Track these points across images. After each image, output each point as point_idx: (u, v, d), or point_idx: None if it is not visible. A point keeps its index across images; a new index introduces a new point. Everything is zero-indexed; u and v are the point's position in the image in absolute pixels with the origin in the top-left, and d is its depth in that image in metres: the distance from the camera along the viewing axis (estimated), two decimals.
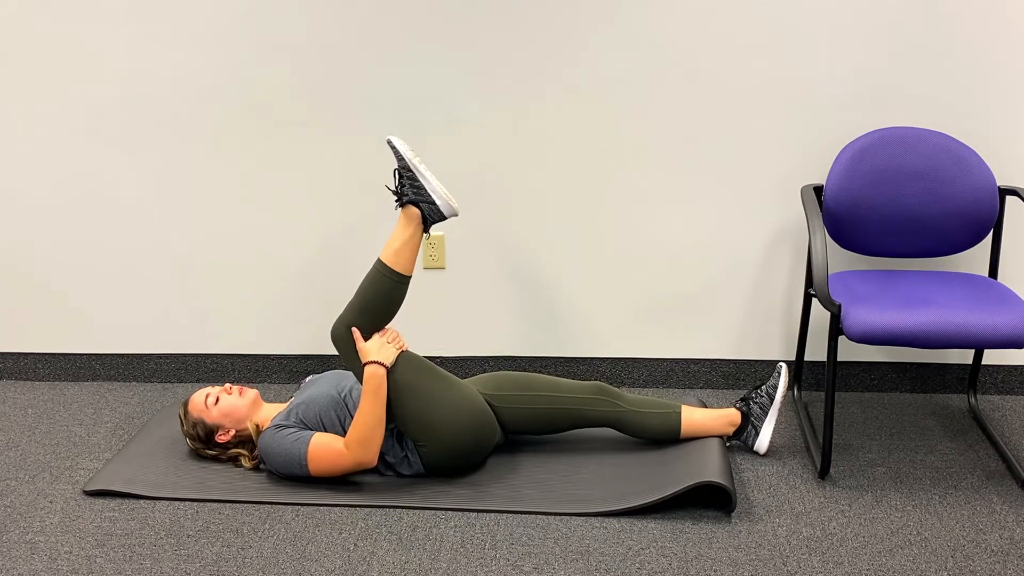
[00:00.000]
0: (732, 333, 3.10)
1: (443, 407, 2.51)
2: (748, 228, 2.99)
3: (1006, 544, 2.29)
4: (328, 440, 2.49)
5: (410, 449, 2.56)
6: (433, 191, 2.53)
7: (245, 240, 3.12)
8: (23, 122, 3.07)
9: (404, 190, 2.55)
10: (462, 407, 2.53)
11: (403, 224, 2.56)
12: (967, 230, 2.73)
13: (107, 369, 3.31)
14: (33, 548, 2.34)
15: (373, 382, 2.47)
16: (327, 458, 2.48)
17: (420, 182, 2.52)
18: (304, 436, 2.51)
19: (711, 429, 2.63)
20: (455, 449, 2.53)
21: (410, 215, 2.55)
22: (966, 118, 2.83)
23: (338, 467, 2.49)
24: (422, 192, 2.53)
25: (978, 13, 2.75)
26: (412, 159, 2.52)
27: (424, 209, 2.54)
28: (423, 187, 2.53)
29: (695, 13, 2.81)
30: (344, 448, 2.47)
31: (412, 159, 2.52)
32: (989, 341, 2.35)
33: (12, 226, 3.18)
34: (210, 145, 3.04)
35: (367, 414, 2.46)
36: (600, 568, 2.21)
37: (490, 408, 2.61)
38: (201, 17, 2.92)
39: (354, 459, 2.47)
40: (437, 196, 2.53)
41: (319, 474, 2.51)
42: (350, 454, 2.47)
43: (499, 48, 2.88)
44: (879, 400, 3.06)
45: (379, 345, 2.52)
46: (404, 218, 2.56)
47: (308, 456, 2.48)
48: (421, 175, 2.52)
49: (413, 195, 2.54)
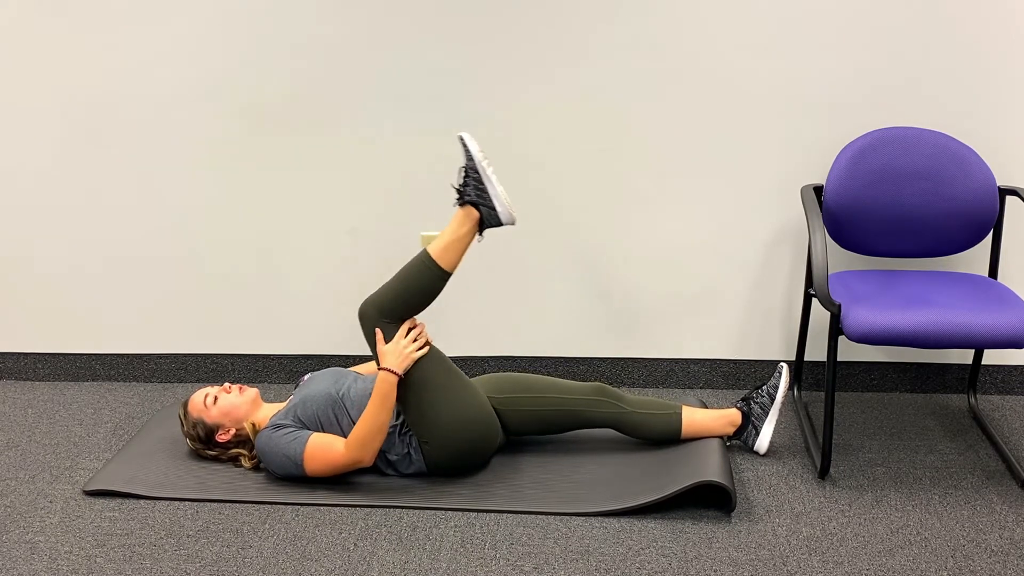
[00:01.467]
0: (732, 333, 3.10)
1: (453, 406, 2.51)
2: (748, 228, 2.99)
3: (1006, 544, 2.29)
4: (326, 440, 2.50)
5: (413, 447, 2.56)
6: (496, 196, 2.51)
7: (245, 240, 3.12)
8: (23, 122, 3.07)
9: (467, 190, 2.52)
10: (470, 408, 2.53)
11: (458, 222, 2.53)
12: (967, 230, 2.73)
13: (107, 369, 3.31)
14: (33, 548, 2.34)
15: (384, 387, 2.46)
16: (323, 458, 2.49)
17: (485, 185, 2.51)
18: (302, 436, 2.51)
19: (712, 430, 2.63)
20: (459, 449, 2.54)
21: (468, 215, 2.53)
22: (966, 118, 2.83)
23: (334, 466, 2.49)
24: (484, 195, 2.51)
25: (978, 13, 2.75)
26: (481, 161, 2.50)
27: (483, 212, 2.52)
28: (487, 191, 2.51)
29: (695, 14, 2.81)
30: (343, 448, 2.47)
31: (481, 161, 2.50)
32: (989, 341, 2.35)
33: (12, 226, 3.18)
34: (210, 146, 3.04)
35: (372, 417, 2.46)
36: (600, 568, 2.21)
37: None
38: (201, 18, 2.91)
39: (351, 458, 2.47)
40: (499, 202, 2.51)
41: (315, 473, 2.51)
42: (348, 453, 2.47)
43: (499, 48, 2.88)
44: (879, 400, 3.06)
45: (398, 352, 2.49)
46: (461, 217, 2.53)
47: (304, 455, 2.48)
48: (487, 178, 2.50)
49: (476, 196, 2.52)
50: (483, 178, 2.50)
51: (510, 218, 2.53)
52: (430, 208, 3.04)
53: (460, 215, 2.53)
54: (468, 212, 2.53)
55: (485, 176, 2.50)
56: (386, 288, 2.54)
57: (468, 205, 2.53)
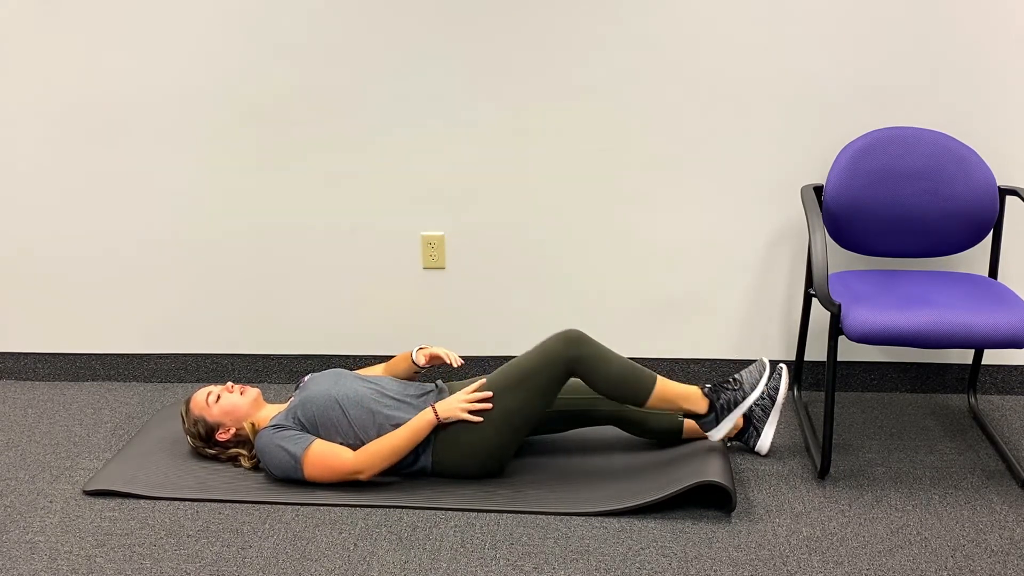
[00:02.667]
0: (732, 333, 3.10)
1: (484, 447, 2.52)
2: (748, 228, 2.99)
3: (1006, 544, 2.29)
4: (330, 445, 2.51)
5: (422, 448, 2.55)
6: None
7: (245, 240, 3.12)
8: (23, 122, 3.07)
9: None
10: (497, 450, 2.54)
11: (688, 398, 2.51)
12: (967, 230, 2.73)
13: (107, 369, 3.31)
14: (33, 548, 2.34)
15: (420, 423, 2.49)
16: (325, 461, 2.49)
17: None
18: (305, 438, 2.51)
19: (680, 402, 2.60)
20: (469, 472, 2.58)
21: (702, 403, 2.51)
22: (966, 118, 2.83)
23: (334, 471, 2.50)
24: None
25: (978, 13, 2.75)
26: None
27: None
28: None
29: (696, 13, 2.81)
30: (350, 454, 2.49)
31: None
32: (989, 341, 2.35)
33: (12, 226, 3.18)
34: (210, 146, 3.04)
35: (394, 440, 2.48)
36: (600, 568, 2.21)
37: None
38: (201, 17, 2.91)
39: (355, 467, 2.48)
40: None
41: (312, 475, 2.51)
42: (355, 461, 2.48)
43: (499, 49, 2.88)
44: (879, 400, 3.06)
45: (454, 402, 2.50)
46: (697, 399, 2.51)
47: (306, 456, 2.49)
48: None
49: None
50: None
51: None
52: (431, 208, 3.04)
53: (697, 397, 2.51)
54: (705, 403, 2.52)
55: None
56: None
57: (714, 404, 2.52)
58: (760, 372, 2.56)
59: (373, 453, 2.48)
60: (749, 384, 2.53)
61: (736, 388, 2.52)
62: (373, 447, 2.48)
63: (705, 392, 2.52)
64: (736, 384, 2.53)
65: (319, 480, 2.52)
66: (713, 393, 2.52)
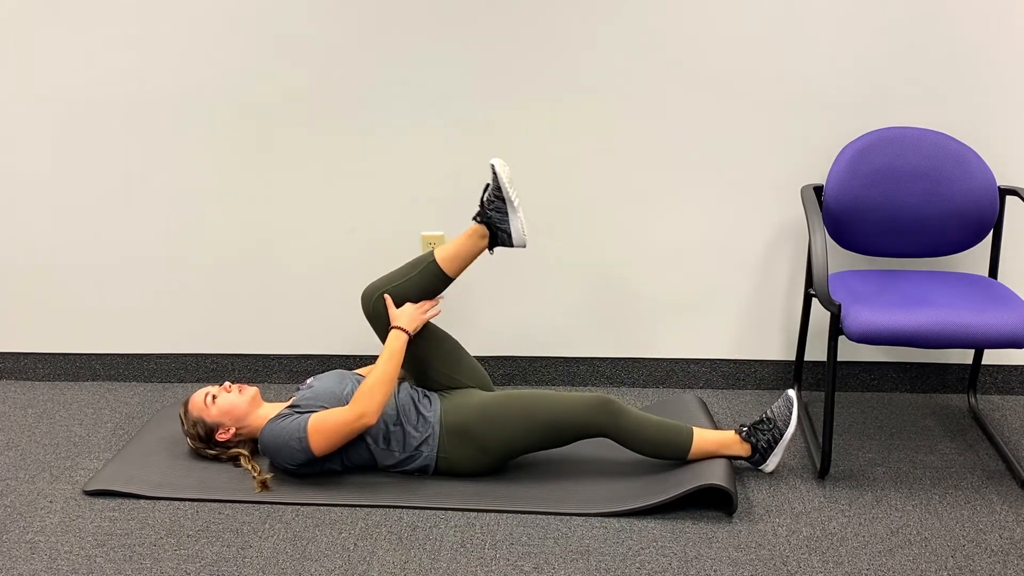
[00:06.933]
0: (732, 333, 3.10)
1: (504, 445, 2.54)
2: (748, 228, 2.99)
3: (1006, 544, 2.29)
4: (326, 412, 2.50)
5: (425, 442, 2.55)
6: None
7: (245, 240, 3.12)
8: (23, 122, 3.07)
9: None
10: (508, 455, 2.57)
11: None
12: (967, 230, 2.73)
13: (107, 369, 3.31)
14: (33, 548, 2.34)
15: (394, 344, 2.57)
16: (327, 427, 2.47)
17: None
18: (302, 417, 2.51)
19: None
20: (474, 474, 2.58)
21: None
22: (966, 118, 2.83)
23: (339, 431, 2.47)
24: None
25: (978, 13, 2.75)
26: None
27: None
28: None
29: (696, 13, 2.81)
30: (346, 408, 2.47)
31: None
32: (989, 341, 2.35)
33: (12, 226, 3.18)
34: (210, 146, 3.04)
35: (379, 370, 2.51)
36: (600, 568, 2.22)
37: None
38: (202, 17, 2.91)
39: (356, 412, 2.45)
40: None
41: (320, 445, 2.48)
42: (351, 409, 2.46)
43: (500, 49, 2.88)
44: (879, 400, 3.06)
45: (411, 313, 2.63)
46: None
47: (309, 427, 2.48)
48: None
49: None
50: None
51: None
52: (431, 208, 3.04)
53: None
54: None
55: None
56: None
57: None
58: (789, 408, 2.52)
59: (366, 392, 2.47)
60: (782, 420, 2.52)
61: (771, 428, 2.53)
62: (363, 388, 2.49)
63: (743, 436, 2.54)
64: (770, 424, 2.53)
65: (329, 447, 2.49)
66: (751, 437, 2.53)
